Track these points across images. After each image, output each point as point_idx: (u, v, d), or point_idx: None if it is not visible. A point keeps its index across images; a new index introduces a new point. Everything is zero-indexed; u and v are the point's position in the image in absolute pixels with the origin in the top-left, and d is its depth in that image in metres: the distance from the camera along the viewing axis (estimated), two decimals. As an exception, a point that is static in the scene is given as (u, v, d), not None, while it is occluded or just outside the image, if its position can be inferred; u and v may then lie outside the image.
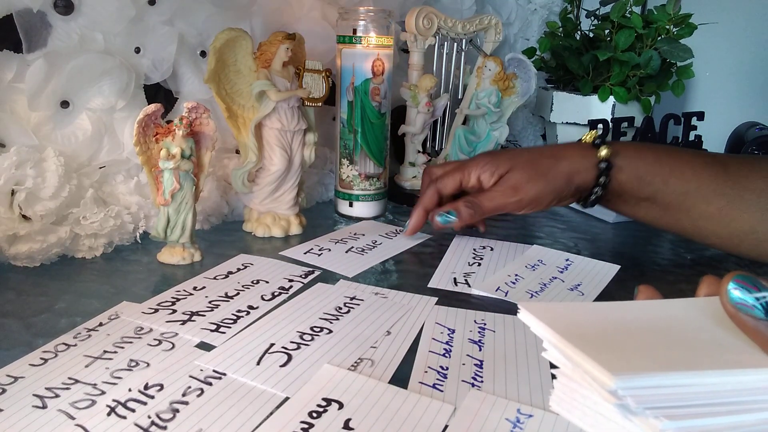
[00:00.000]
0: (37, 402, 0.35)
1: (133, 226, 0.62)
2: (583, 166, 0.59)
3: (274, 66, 0.63)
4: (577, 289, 0.55)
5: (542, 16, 1.12)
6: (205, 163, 0.59)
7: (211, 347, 0.42)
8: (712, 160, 0.59)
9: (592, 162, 0.59)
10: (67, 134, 0.60)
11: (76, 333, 0.43)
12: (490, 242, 0.67)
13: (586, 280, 0.57)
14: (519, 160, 0.61)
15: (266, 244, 0.64)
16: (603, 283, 0.57)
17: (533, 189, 0.59)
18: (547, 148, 0.63)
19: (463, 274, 0.57)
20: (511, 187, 0.60)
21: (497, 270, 0.59)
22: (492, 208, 0.60)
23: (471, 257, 0.62)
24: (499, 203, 0.60)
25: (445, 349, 0.43)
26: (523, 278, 0.57)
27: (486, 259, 0.62)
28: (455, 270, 0.58)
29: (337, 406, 0.36)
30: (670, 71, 0.89)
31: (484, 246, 0.65)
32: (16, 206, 0.55)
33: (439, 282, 0.55)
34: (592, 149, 0.59)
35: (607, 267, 0.60)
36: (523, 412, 0.36)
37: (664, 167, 0.58)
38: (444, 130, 0.90)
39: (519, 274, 0.58)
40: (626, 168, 0.58)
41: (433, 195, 0.64)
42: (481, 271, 0.58)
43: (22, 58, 0.56)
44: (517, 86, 0.83)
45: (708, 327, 0.31)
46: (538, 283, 0.56)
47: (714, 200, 0.57)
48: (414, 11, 0.79)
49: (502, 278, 0.57)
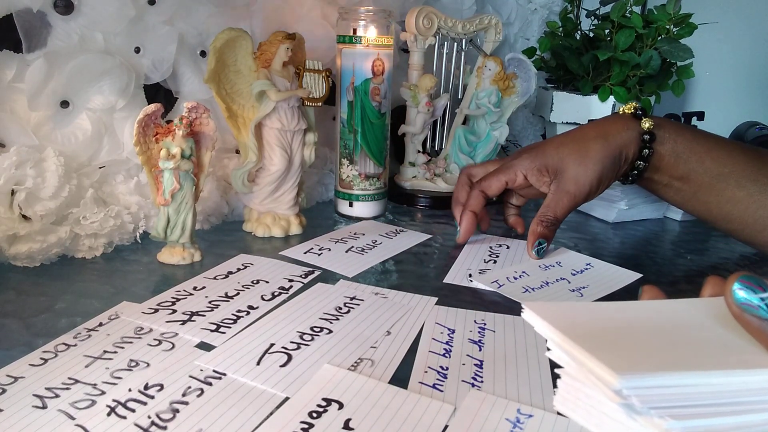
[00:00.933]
0: (37, 402, 0.35)
1: (133, 226, 0.62)
2: (629, 137, 0.58)
3: (274, 66, 0.63)
4: (578, 291, 0.54)
5: (542, 15, 1.12)
6: (205, 163, 0.59)
7: (211, 347, 0.42)
8: (748, 148, 0.59)
9: (637, 132, 0.58)
10: (67, 134, 0.60)
11: (76, 333, 0.43)
12: (507, 240, 0.67)
13: (594, 283, 0.56)
14: (566, 151, 0.59)
15: (266, 244, 0.64)
16: (610, 288, 0.55)
17: (594, 176, 0.58)
18: (589, 128, 0.61)
19: (478, 270, 0.58)
20: (574, 183, 0.58)
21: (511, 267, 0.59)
22: (566, 213, 0.60)
23: (487, 255, 0.62)
24: (570, 206, 0.59)
25: (445, 349, 0.43)
26: (528, 275, 0.57)
27: (501, 257, 0.62)
28: (471, 267, 0.59)
29: (337, 406, 0.36)
30: (670, 71, 0.89)
31: (500, 244, 0.66)
32: (16, 206, 0.55)
33: (455, 278, 0.56)
34: (634, 120, 0.59)
35: (627, 274, 0.58)
36: (523, 412, 0.36)
37: (702, 146, 0.58)
38: (444, 130, 0.90)
39: (525, 271, 0.57)
40: (667, 142, 0.58)
41: (478, 197, 0.63)
42: (495, 269, 0.58)
43: (22, 58, 0.56)
44: (517, 86, 0.83)
45: (713, 327, 0.31)
46: (540, 281, 0.56)
47: (746, 185, 0.57)
48: (414, 11, 0.79)
49: (504, 273, 0.57)
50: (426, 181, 0.83)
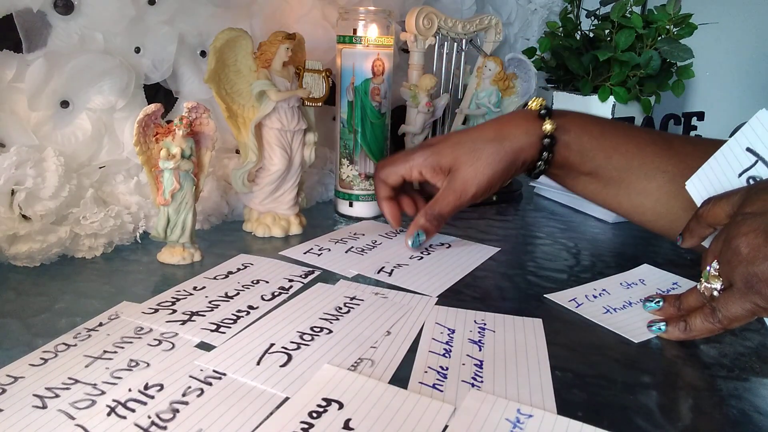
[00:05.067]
0: (37, 402, 0.35)
1: (133, 226, 0.62)
2: (528, 142, 0.57)
3: (274, 66, 0.63)
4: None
5: (542, 16, 1.12)
6: (205, 163, 0.59)
7: (211, 347, 0.42)
8: (658, 137, 0.58)
9: (537, 137, 0.57)
10: (67, 134, 0.60)
11: (76, 333, 0.43)
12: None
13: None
14: (461, 151, 0.58)
15: (266, 244, 0.64)
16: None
17: (484, 179, 0.58)
18: (489, 126, 0.60)
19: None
20: (462, 183, 0.58)
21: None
22: (451, 211, 0.59)
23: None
24: (455, 205, 0.59)
25: (445, 349, 0.43)
26: (608, 294, 0.54)
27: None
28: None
29: (337, 406, 0.36)
30: (670, 71, 0.89)
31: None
32: (16, 206, 0.55)
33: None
34: (536, 122, 0.58)
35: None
36: (523, 412, 0.36)
37: (609, 142, 0.57)
38: (444, 130, 0.90)
39: (606, 289, 0.54)
40: (571, 143, 0.57)
41: (382, 186, 0.63)
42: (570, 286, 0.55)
43: (22, 58, 0.56)
44: (517, 86, 0.83)
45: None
46: (623, 301, 0.52)
47: (656, 176, 0.56)
48: (414, 11, 0.79)
49: (583, 291, 0.54)
50: (426, 181, 0.83)
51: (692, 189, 0.49)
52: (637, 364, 0.43)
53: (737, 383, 0.41)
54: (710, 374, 0.42)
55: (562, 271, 0.60)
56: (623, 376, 0.41)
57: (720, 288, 0.43)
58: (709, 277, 0.43)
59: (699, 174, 0.48)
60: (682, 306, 0.47)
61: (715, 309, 0.43)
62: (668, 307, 0.48)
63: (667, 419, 0.37)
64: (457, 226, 0.73)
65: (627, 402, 0.38)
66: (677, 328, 0.45)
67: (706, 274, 0.44)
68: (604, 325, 0.48)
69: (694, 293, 0.46)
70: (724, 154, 0.46)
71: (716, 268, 0.43)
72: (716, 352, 0.45)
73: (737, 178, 0.45)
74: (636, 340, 0.46)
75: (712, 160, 0.47)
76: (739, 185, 0.45)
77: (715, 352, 0.45)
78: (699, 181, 0.48)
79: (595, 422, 0.35)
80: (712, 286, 0.43)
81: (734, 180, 0.46)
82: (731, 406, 0.39)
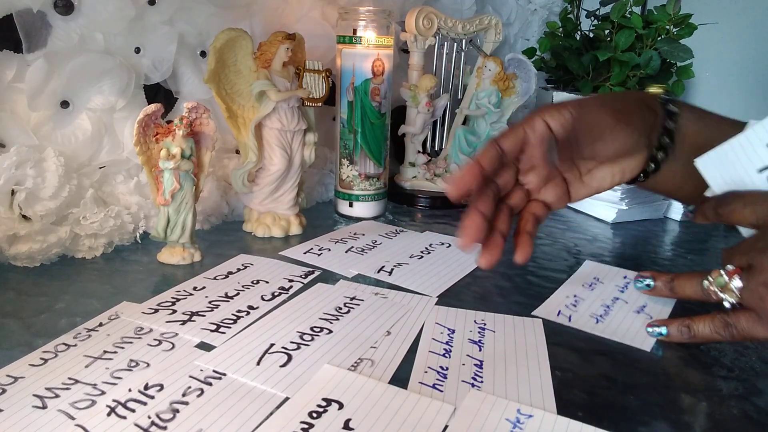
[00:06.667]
0: (37, 402, 0.35)
1: (133, 226, 0.62)
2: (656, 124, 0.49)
3: (274, 66, 0.63)
4: (643, 311, 0.51)
5: (542, 16, 1.12)
6: (205, 163, 0.59)
7: (211, 347, 0.42)
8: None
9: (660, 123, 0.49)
10: (67, 134, 0.60)
11: (76, 333, 0.43)
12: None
13: (650, 300, 0.53)
14: (605, 99, 0.48)
15: (266, 244, 0.64)
16: (669, 304, 0.53)
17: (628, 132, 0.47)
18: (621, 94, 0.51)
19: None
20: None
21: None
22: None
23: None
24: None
25: (445, 349, 0.43)
26: (582, 299, 0.53)
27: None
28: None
29: (337, 406, 0.36)
30: (670, 71, 0.89)
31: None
32: (16, 206, 0.55)
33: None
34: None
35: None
36: (523, 412, 0.36)
37: (712, 117, 0.50)
38: (444, 130, 0.90)
39: (578, 295, 0.54)
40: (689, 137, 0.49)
41: (491, 151, 0.44)
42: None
43: (22, 58, 0.56)
44: (517, 86, 0.83)
45: None
46: (601, 305, 0.52)
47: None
48: (414, 11, 0.79)
49: (560, 300, 0.53)
50: (426, 181, 0.83)
51: (703, 167, 0.47)
52: (637, 364, 0.43)
53: (737, 383, 0.41)
54: (710, 374, 0.42)
55: (562, 271, 0.60)
56: (623, 376, 0.41)
57: (734, 303, 0.41)
58: (725, 288, 0.41)
59: (711, 154, 0.46)
60: (675, 290, 0.46)
61: (730, 324, 0.41)
62: (661, 287, 0.47)
63: (668, 419, 0.37)
64: (457, 225, 0.73)
65: (627, 402, 0.38)
66: (681, 333, 0.44)
67: (722, 281, 0.41)
68: (604, 335, 0.47)
69: (692, 283, 0.45)
70: (741, 144, 0.45)
71: (738, 288, 0.41)
72: (716, 352, 0.45)
73: (757, 174, 0.44)
74: (642, 348, 0.45)
75: (727, 145, 0.45)
76: (759, 181, 0.44)
77: (715, 352, 0.45)
78: (711, 161, 0.46)
79: (595, 422, 0.35)
80: (723, 297, 0.41)
81: (754, 175, 0.44)
82: (731, 406, 0.39)
